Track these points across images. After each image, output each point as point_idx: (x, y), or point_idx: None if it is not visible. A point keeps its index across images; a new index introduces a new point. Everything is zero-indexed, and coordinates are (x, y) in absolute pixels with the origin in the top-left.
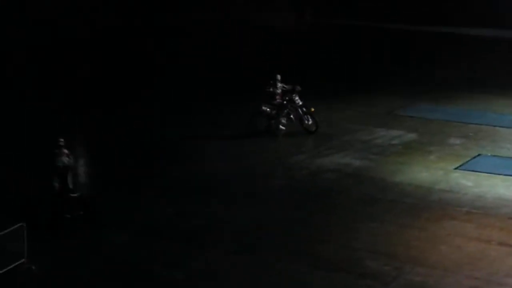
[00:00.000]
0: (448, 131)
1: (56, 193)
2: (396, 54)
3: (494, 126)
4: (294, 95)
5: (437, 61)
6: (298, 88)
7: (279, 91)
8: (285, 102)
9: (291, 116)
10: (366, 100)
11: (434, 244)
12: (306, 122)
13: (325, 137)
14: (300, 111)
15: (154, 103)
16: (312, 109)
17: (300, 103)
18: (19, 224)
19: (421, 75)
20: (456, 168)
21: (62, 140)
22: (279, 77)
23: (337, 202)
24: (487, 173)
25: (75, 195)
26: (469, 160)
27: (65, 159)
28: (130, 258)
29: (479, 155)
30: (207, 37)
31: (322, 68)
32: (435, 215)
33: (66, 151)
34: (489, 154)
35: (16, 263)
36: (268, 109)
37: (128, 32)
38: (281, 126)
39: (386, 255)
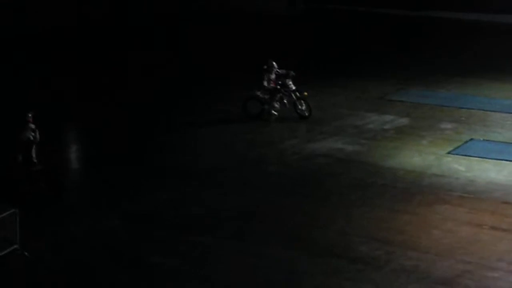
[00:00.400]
0: (440, 115)
1: (19, 165)
2: (387, 39)
3: (486, 110)
4: (287, 80)
5: (429, 46)
6: (292, 73)
7: (273, 76)
8: (278, 87)
9: (285, 101)
10: (358, 85)
11: (426, 229)
12: (300, 107)
13: (317, 122)
14: (294, 96)
15: (145, 89)
16: (306, 94)
17: (294, 88)
18: (11, 210)
19: (412, 60)
20: (448, 153)
21: (30, 115)
22: (274, 63)
23: (329, 187)
24: (479, 157)
25: (38, 168)
26: (461, 145)
27: (31, 134)
28: (123, 244)
29: (471, 139)
30: (199, 24)
31: (314, 53)
32: (427, 199)
33: (32, 126)
34: (481, 139)
35: (9, 249)
36: (261, 94)
37: (120, 20)
38: (273, 111)
39: (378, 240)
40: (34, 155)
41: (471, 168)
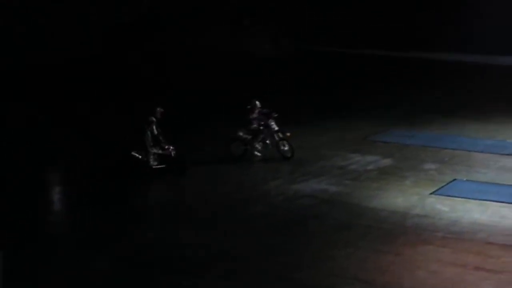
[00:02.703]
0: (423, 156)
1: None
2: (370, 80)
3: (469, 151)
4: (270, 120)
5: (411, 86)
6: (274, 114)
7: (255, 115)
8: (261, 127)
9: (267, 141)
10: (341, 125)
11: (410, 270)
12: (282, 147)
13: (301, 162)
14: (276, 137)
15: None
16: (288, 134)
17: (276, 128)
18: None
19: (395, 100)
20: (431, 193)
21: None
22: (258, 103)
23: (313, 228)
24: (463, 197)
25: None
26: (444, 185)
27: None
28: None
29: (454, 180)
30: (182, 64)
31: (297, 94)
32: (410, 240)
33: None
34: (464, 179)
35: None
36: (243, 135)
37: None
38: (256, 152)
39: (362, 281)
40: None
41: (455, 209)
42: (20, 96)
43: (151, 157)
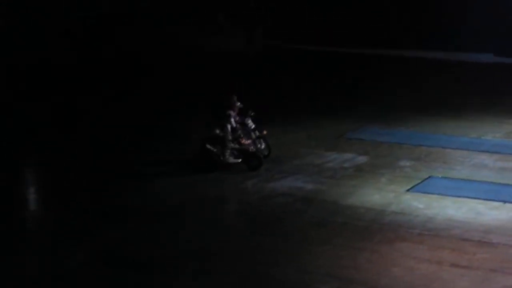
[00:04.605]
0: (399, 153)
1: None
2: (345, 77)
3: (444, 148)
4: (246, 118)
5: (387, 83)
6: (251, 112)
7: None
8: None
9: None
10: (316, 123)
11: (386, 267)
12: (259, 146)
13: (277, 161)
14: (253, 135)
15: (105, 127)
16: (265, 132)
17: (253, 126)
18: None
19: (370, 97)
20: (407, 190)
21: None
22: (236, 100)
23: (289, 226)
24: (438, 194)
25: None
26: (420, 182)
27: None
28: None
29: (430, 177)
30: (154, 62)
31: (272, 92)
32: (387, 237)
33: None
34: (440, 176)
35: None
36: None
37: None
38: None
39: (338, 278)
40: (230, 135)
41: (431, 206)
42: None
43: (227, 151)
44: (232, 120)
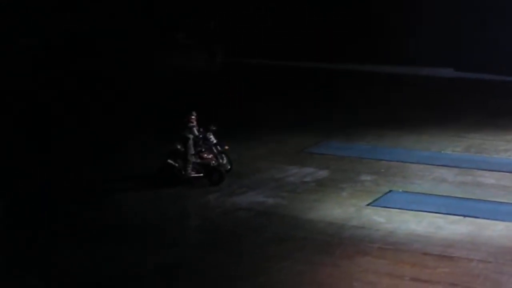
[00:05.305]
0: (359, 167)
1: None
2: (306, 92)
3: (405, 162)
4: (208, 133)
5: (347, 98)
6: (213, 127)
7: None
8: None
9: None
10: (277, 138)
11: (346, 282)
12: (221, 161)
13: (238, 175)
14: (215, 150)
15: (68, 144)
16: (226, 147)
17: (215, 141)
18: None
19: (330, 112)
20: (368, 205)
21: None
22: (195, 115)
23: (250, 241)
24: (398, 209)
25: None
26: (380, 196)
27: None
28: None
29: (390, 191)
30: (114, 82)
31: (233, 108)
32: (347, 251)
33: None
34: (400, 190)
35: None
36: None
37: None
38: (189, 167)
39: None
40: (192, 150)
41: (391, 220)
42: None
43: (189, 166)
44: (195, 129)
